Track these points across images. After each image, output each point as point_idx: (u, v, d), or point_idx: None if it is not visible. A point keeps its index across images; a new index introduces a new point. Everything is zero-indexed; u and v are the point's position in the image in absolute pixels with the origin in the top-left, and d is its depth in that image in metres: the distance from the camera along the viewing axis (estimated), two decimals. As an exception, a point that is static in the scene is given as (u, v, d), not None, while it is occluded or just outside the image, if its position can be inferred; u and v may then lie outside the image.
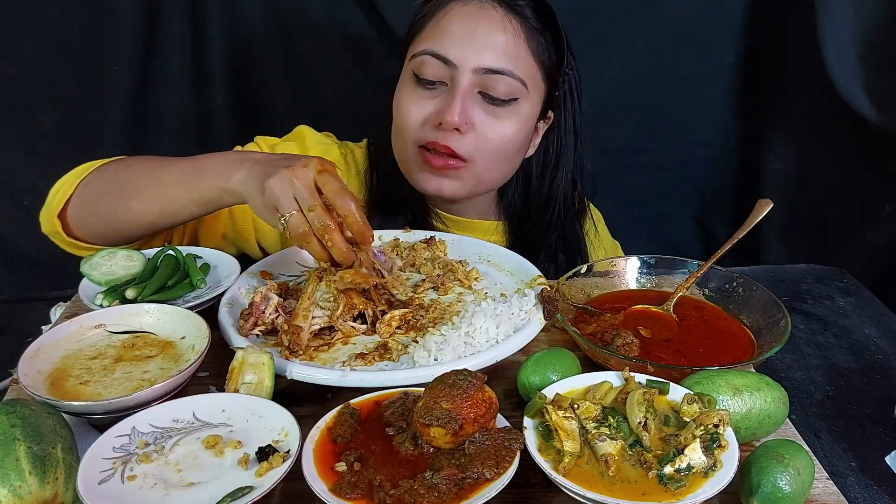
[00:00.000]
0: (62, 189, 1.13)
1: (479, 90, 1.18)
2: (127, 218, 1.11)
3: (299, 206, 0.92)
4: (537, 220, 1.36)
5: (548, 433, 0.75)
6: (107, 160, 1.16)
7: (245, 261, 1.12)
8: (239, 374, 0.84)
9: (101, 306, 0.99)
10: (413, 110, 1.20)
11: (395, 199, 1.32)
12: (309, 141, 1.33)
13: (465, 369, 0.77)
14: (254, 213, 1.22)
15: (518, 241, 1.37)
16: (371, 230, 0.95)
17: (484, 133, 1.19)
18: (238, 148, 1.30)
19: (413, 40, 1.23)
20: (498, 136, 1.20)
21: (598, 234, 1.48)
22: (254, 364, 0.84)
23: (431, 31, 1.20)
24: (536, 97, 1.23)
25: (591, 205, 1.47)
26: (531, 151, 1.32)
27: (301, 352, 0.92)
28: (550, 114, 1.30)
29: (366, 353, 0.93)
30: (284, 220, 0.92)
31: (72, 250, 1.15)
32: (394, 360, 0.93)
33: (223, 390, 0.84)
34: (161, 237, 1.18)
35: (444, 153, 1.19)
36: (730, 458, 0.72)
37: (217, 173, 1.03)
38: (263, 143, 1.30)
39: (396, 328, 0.99)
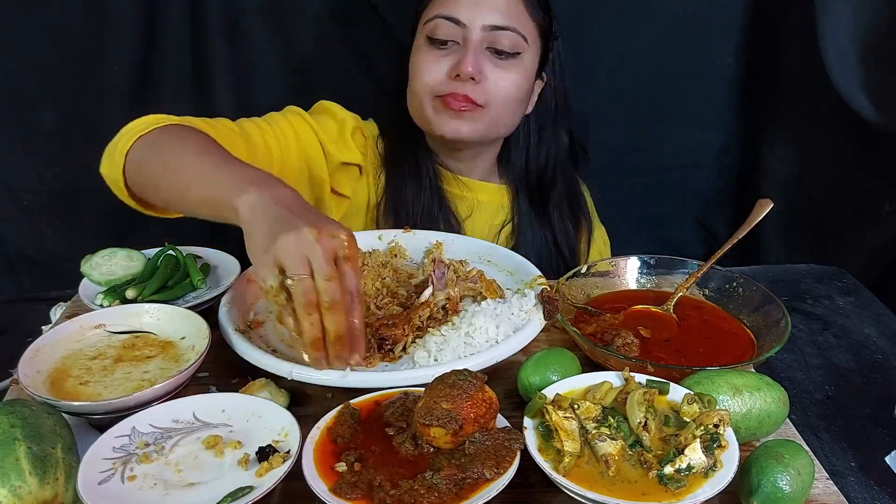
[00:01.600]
0: (124, 138, 1.10)
1: (487, 46, 1.29)
2: (157, 192, 1.08)
3: (311, 272, 0.82)
4: (540, 176, 1.46)
5: (548, 433, 0.75)
6: (170, 122, 1.14)
7: (246, 261, 1.11)
8: (255, 391, 0.86)
9: (101, 306, 0.99)
10: (430, 68, 1.30)
11: (406, 158, 1.40)
12: (337, 111, 1.39)
13: (465, 369, 0.77)
14: (321, 138, 1.33)
15: (526, 199, 1.46)
16: (363, 349, 0.87)
17: (495, 82, 1.30)
18: (274, 115, 1.34)
19: (425, 8, 1.34)
20: (507, 84, 1.31)
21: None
22: (272, 394, 0.86)
23: (440, 0, 1.31)
24: (534, 52, 1.35)
25: (582, 182, 1.57)
26: (529, 108, 1.42)
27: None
28: (545, 75, 1.41)
29: (367, 354, 0.93)
30: (292, 282, 0.81)
31: (127, 200, 1.12)
32: (394, 361, 0.93)
33: (223, 390, 0.84)
34: None
35: (461, 100, 1.29)
36: (730, 458, 0.72)
37: (232, 185, 0.93)
38: (302, 112, 1.35)
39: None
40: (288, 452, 0.73)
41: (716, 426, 0.74)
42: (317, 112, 1.39)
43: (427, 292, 1.00)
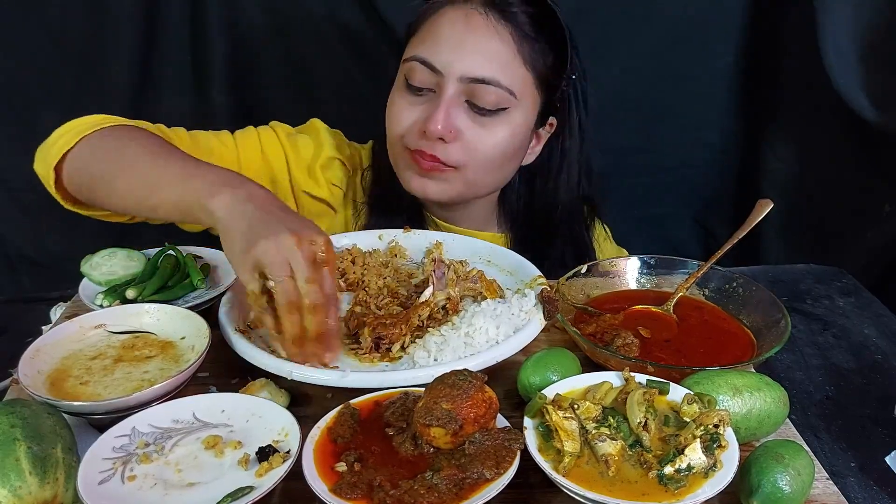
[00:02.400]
0: (64, 137, 1.10)
1: (465, 99, 1.16)
2: (109, 193, 1.07)
3: (291, 273, 0.84)
4: (542, 226, 1.34)
5: (548, 433, 0.75)
6: (116, 123, 1.13)
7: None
8: (255, 391, 0.85)
9: (101, 306, 0.99)
10: (401, 115, 1.20)
11: (393, 202, 1.31)
12: (322, 136, 1.32)
13: (465, 369, 0.77)
14: (290, 160, 1.25)
15: (522, 251, 1.30)
16: (337, 348, 0.91)
17: (472, 141, 1.17)
18: (251, 128, 1.29)
19: (408, 44, 1.22)
20: (486, 146, 1.18)
21: (600, 248, 1.45)
22: (272, 393, 0.86)
23: (423, 37, 1.19)
24: (529, 105, 1.21)
25: (598, 220, 1.45)
26: (530, 159, 1.30)
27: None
28: (553, 120, 1.28)
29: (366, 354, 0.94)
30: (274, 284, 0.84)
31: (56, 196, 1.14)
32: (394, 361, 0.93)
33: (223, 390, 0.84)
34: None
35: (429, 159, 1.18)
36: (730, 459, 0.72)
37: (204, 187, 0.93)
38: (280, 130, 1.30)
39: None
40: (288, 452, 0.73)
41: (716, 426, 0.74)
42: (303, 130, 1.33)
43: (427, 292, 1.00)
